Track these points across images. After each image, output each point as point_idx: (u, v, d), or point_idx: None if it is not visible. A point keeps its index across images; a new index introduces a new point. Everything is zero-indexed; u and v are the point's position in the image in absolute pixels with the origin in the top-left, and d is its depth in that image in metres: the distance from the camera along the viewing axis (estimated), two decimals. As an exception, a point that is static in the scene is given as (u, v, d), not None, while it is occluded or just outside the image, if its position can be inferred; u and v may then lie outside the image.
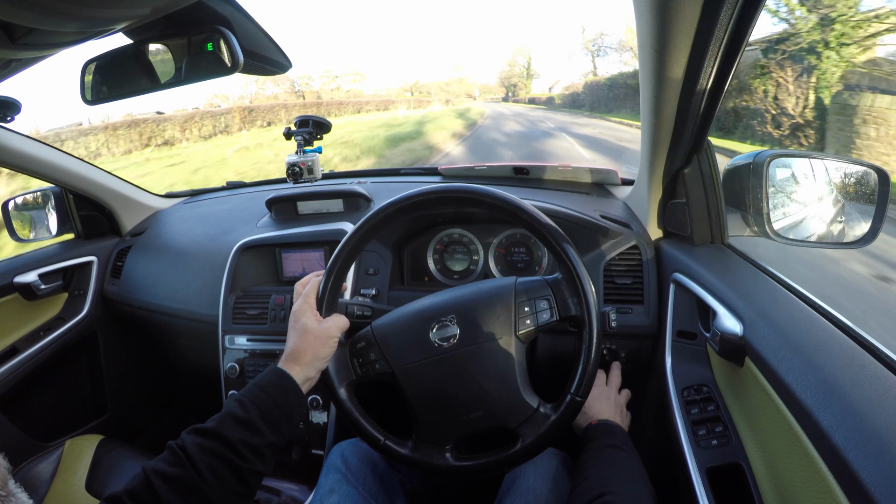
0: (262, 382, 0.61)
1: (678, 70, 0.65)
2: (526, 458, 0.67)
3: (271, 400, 0.59)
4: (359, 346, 0.72)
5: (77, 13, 0.45)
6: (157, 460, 0.53)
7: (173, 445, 0.54)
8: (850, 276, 2.96)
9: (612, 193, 1.26)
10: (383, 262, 1.11)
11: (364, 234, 0.72)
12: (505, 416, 0.67)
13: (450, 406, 0.68)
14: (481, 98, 63.63)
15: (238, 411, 0.57)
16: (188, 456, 0.52)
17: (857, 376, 0.51)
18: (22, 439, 1.23)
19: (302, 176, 1.18)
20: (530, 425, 0.66)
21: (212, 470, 0.52)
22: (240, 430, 0.55)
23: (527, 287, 0.69)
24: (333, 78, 48.71)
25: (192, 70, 0.69)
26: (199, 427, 0.56)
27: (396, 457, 0.69)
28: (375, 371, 0.70)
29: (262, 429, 0.57)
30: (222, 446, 0.54)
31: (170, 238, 1.41)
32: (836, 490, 0.44)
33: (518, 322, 0.67)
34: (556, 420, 0.65)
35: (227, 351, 1.15)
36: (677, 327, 0.86)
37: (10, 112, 1.05)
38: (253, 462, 0.55)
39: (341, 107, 28.33)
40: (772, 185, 0.76)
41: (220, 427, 0.55)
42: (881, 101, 5.88)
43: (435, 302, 0.72)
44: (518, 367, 0.66)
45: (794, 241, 0.77)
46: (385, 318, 0.74)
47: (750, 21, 0.58)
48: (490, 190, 0.69)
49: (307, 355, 0.64)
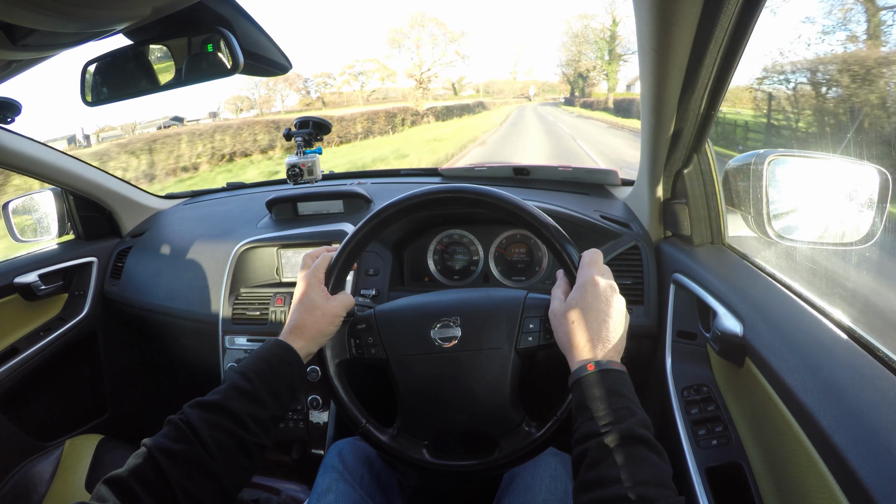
0: (266, 354, 0.60)
1: (678, 70, 0.65)
2: (500, 470, 0.67)
3: (275, 372, 0.58)
4: (359, 328, 0.72)
5: (77, 14, 0.45)
6: (159, 436, 0.50)
7: (176, 420, 0.52)
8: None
9: (612, 194, 1.26)
10: (383, 262, 1.11)
11: (383, 220, 0.71)
12: (488, 425, 0.67)
13: (437, 404, 0.69)
14: (538, 98, 54.95)
15: (243, 383, 0.55)
16: (193, 430, 0.50)
17: (857, 376, 0.51)
18: (22, 439, 1.23)
19: (302, 177, 1.18)
20: (511, 438, 0.66)
21: (218, 444, 0.50)
22: (245, 403, 0.54)
23: (536, 303, 0.68)
24: (355, 76, 43.83)
25: (192, 71, 0.69)
26: (202, 400, 0.54)
27: (375, 442, 0.70)
28: (371, 355, 0.70)
29: (267, 401, 0.55)
30: (228, 420, 0.52)
31: (170, 239, 1.41)
32: (836, 490, 0.44)
33: (520, 337, 0.66)
34: (538, 439, 0.65)
35: (227, 351, 1.15)
36: (677, 327, 0.86)
37: (11, 113, 1.05)
38: (258, 435, 0.54)
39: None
40: (772, 185, 0.76)
41: (225, 400, 0.53)
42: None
43: (442, 300, 0.72)
44: (511, 380, 0.66)
45: (793, 241, 0.77)
46: (389, 305, 0.74)
47: (750, 21, 0.58)
48: (504, 194, 0.68)
49: (312, 330, 0.64)
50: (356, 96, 42.74)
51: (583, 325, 0.57)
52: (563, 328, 0.59)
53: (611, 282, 0.60)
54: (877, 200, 0.69)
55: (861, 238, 0.70)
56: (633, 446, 0.47)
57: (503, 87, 58.47)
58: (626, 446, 0.47)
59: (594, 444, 0.48)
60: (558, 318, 0.60)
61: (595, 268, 0.60)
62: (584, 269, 0.61)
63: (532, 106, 45.06)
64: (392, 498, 0.76)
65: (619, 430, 0.48)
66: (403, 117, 23.95)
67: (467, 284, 1.14)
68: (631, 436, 0.47)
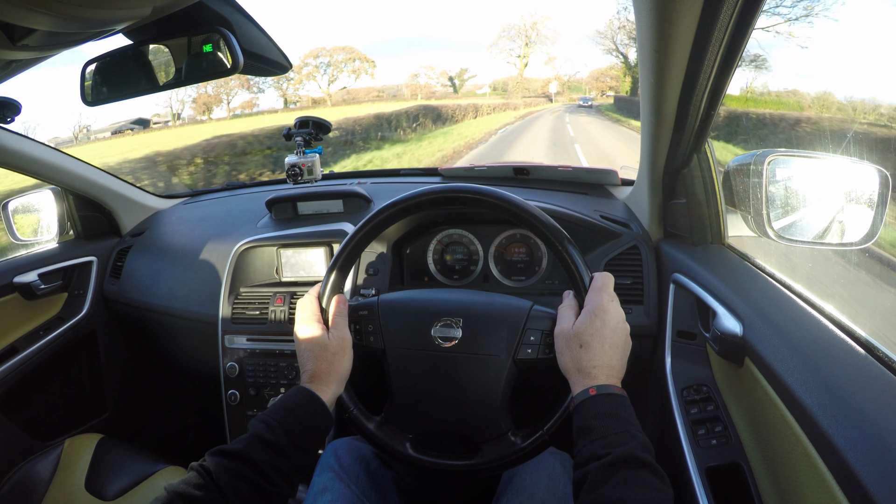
0: (290, 404, 0.60)
1: (678, 70, 0.65)
2: (480, 474, 0.67)
3: (299, 422, 0.58)
4: (360, 314, 0.72)
5: (77, 14, 0.45)
6: (179, 482, 0.51)
7: (197, 467, 0.53)
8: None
9: (612, 194, 1.26)
10: (383, 262, 1.11)
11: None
12: (474, 429, 0.68)
13: (427, 401, 0.69)
14: (562, 98, 38.45)
15: (266, 434, 0.55)
16: (213, 479, 0.51)
17: (857, 376, 0.51)
18: (21, 438, 1.23)
19: (302, 176, 1.18)
20: (494, 445, 0.67)
21: (238, 494, 0.51)
22: (268, 454, 0.54)
23: (540, 316, 0.67)
24: (317, 68, 33.82)
25: (191, 71, 0.69)
26: (224, 448, 0.54)
27: (361, 428, 0.70)
28: (368, 342, 0.70)
29: (290, 452, 0.56)
30: (249, 469, 0.53)
31: (170, 238, 1.41)
32: (836, 490, 0.44)
33: (519, 347, 0.66)
34: (520, 451, 0.65)
35: (227, 351, 1.15)
36: (677, 327, 0.86)
37: (11, 113, 1.05)
38: (279, 485, 0.54)
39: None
40: (771, 185, 0.76)
41: (247, 450, 0.54)
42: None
43: (447, 299, 0.72)
44: (504, 389, 0.66)
45: (793, 241, 0.77)
46: (394, 296, 0.74)
47: (750, 21, 0.58)
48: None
49: (332, 375, 0.64)
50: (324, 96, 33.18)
51: (589, 351, 0.58)
52: (569, 351, 0.60)
53: (619, 310, 0.61)
54: (877, 200, 0.69)
55: (861, 238, 0.70)
56: (635, 469, 0.48)
57: (509, 83, 43.32)
58: (627, 469, 0.47)
59: (596, 466, 0.48)
60: (565, 340, 0.60)
61: (606, 294, 0.61)
62: (595, 293, 0.61)
63: (554, 114, 26.02)
64: (388, 497, 0.76)
65: (621, 454, 0.48)
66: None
67: (467, 284, 1.14)
68: (632, 459, 0.48)
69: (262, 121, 22.56)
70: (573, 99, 37.43)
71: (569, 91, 41.57)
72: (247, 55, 0.67)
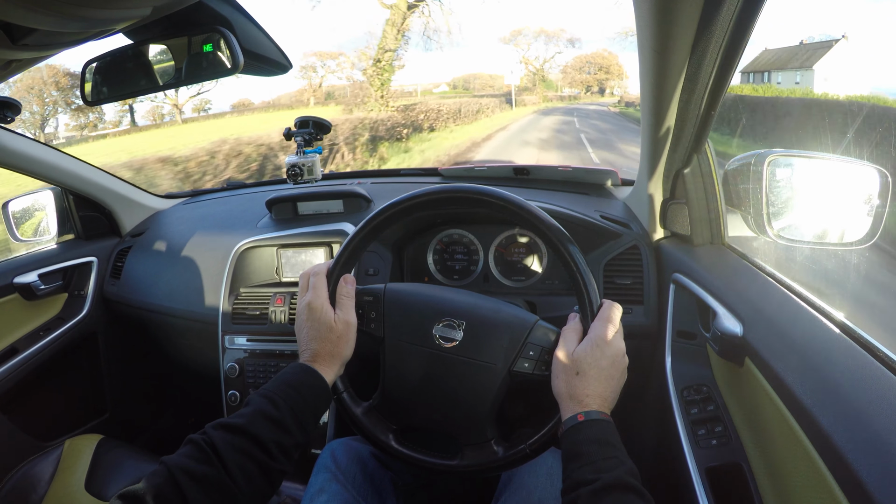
0: (293, 381, 0.59)
1: (678, 70, 0.65)
2: (456, 475, 0.68)
3: (303, 400, 0.58)
4: (365, 299, 0.71)
5: (77, 14, 0.45)
6: (180, 456, 0.49)
7: (199, 440, 0.51)
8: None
9: (613, 194, 1.26)
10: (383, 262, 1.11)
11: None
12: (459, 431, 0.68)
13: (417, 396, 0.69)
14: (532, 98, 23.80)
15: (270, 409, 0.55)
16: (217, 453, 0.49)
17: (857, 376, 0.51)
18: (22, 439, 1.23)
19: (302, 177, 1.18)
20: (475, 451, 0.67)
21: (242, 469, 0.50)
22: (272, 429, 0.53)
23: (543, 332, 0.67)
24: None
25: (192, 70, 0.69)
26: (227, 423, 0.53)
27: (347, 412, 0.70)
28: (369, 329, 0.70)
29: (293, 429, 0.55)
30: (254, 445, 0.52)
31: (170, 238, 1.41)
32: (836, 490, 0.44)
33: (517, 360, 0.65)
34: (500, 461, 0.65)
35: (227, 351, 1.15)
36: (677, 327, 0.86)
37: (10, 112, 1.05)
38: (282, 462, 0.54)
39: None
40: (771, 185, 0.76)
41: (251, 425, 0.53)
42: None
43: (453, 300, 0.71)
44: (495, 398, 0.66)
45: (793, 241, 0.77)
46: (401, 287, 0.74)
47: (750, 21, 0.58)
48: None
49: (335, 358, 0.64)
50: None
51: (584, 380, 0.58)
52: (564, 376, 0.60)
53: (621, 343, 0.61)
54: (877, 200, 0.69)
55: (861, 238, 0.70)
56: (624, 494, 0.48)
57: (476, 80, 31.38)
58: (615, 494, 0.48)
59: (585, 491, 0.49)
60: (562, 365, 0.61)
61: (612, 325, 0.61)
62: (601, 322, 0.61)
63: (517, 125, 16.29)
64: (385, 498, 0.76)
65: (610, 480, 0.49)
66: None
67: (467, 284, 1.14)
68: (621, 484, 0.48)
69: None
70: (548, 98, 24.56)
71: (542, 86, 27.18)
72: (247, 55, 0.67)
